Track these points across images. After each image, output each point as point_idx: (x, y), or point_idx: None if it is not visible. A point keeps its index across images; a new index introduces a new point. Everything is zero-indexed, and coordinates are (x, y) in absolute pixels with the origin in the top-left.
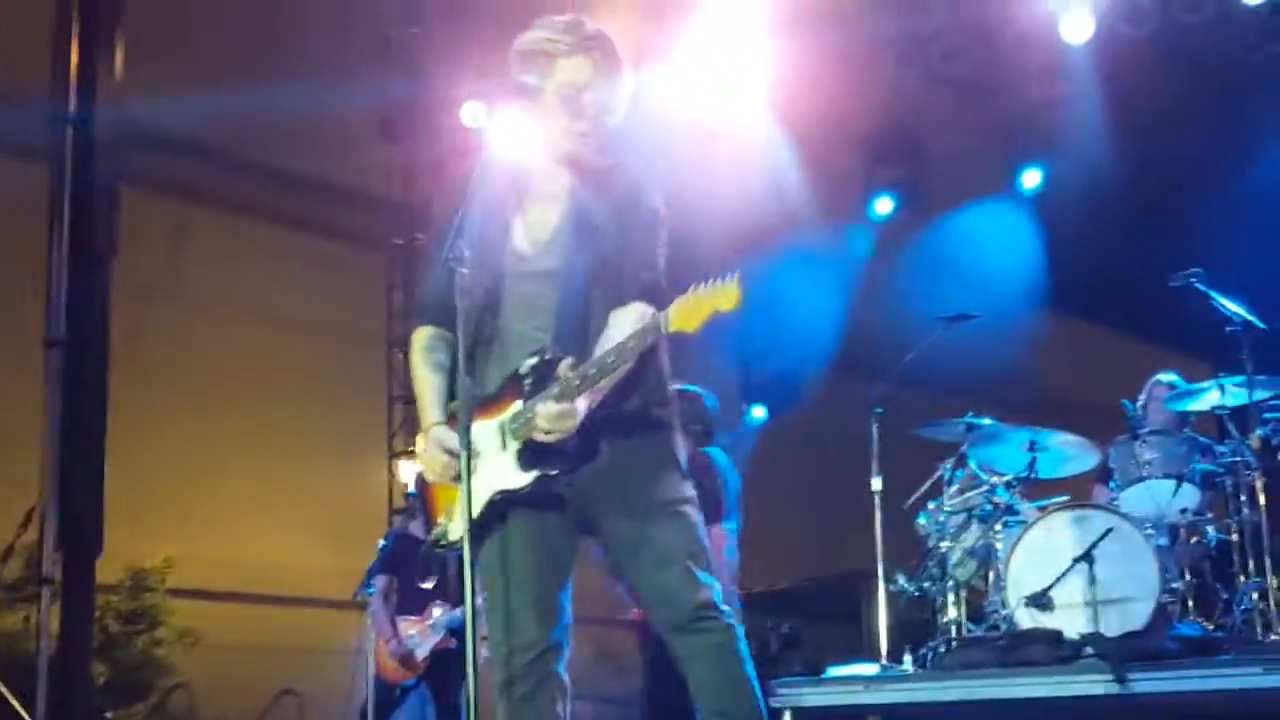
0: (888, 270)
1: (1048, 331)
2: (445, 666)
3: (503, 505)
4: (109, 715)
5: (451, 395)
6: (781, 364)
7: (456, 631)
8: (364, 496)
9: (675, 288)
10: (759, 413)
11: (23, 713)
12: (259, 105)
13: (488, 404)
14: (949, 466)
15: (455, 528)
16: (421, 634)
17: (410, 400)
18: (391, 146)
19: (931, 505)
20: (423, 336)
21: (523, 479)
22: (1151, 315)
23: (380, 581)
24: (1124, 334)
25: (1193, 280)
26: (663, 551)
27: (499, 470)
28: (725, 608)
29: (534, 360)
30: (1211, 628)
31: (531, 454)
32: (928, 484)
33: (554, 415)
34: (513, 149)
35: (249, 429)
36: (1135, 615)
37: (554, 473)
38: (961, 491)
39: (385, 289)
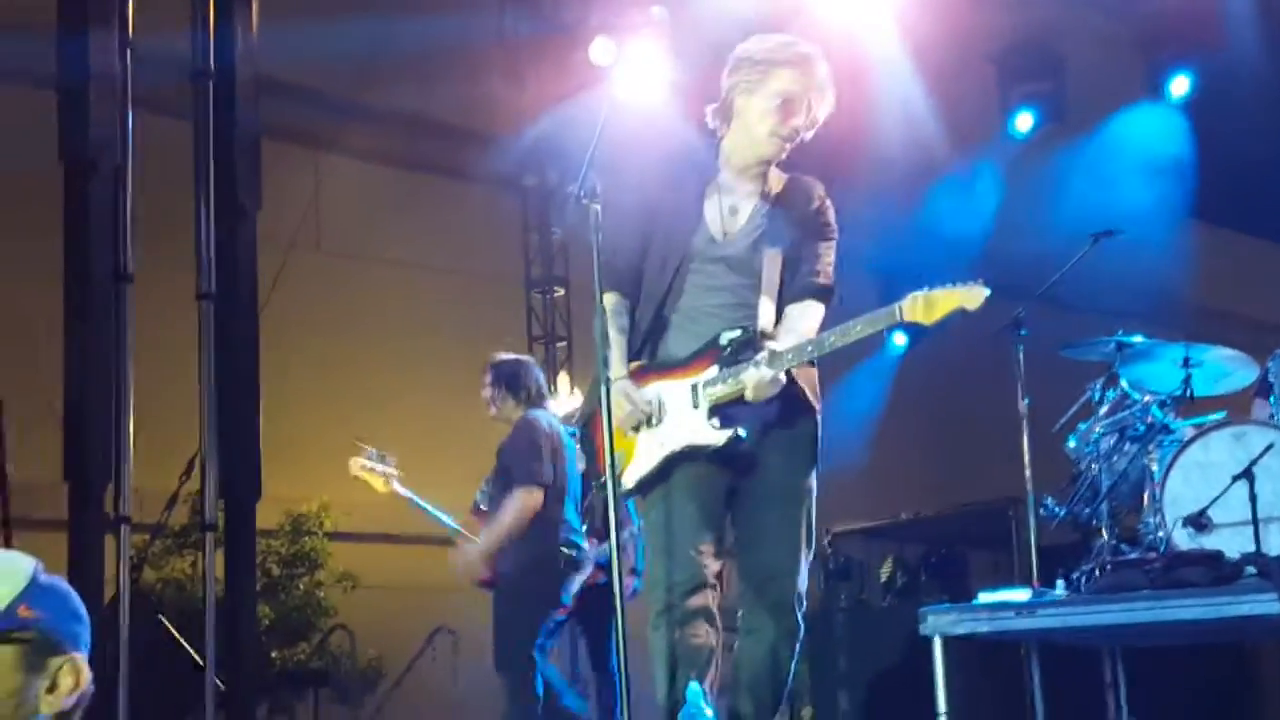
0: (1030, 188)
1: (1200, 244)
2: (596, 601)
3: (679, 458)
4: (274, 655)
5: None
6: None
7: (605, 566)
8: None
9: None
10: (900, 339)
11: (194, 655)
12: (387, 50)
13: (675, 367)
14: (1098, 387)
15: (631, 474)
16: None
17: (550, 340)
18: (521, 86)
19: (1081, 427)
20: (611, 301)
21: (717, 436)
22: None
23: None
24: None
25: None
26: (785, 533)
27: (688, 426)
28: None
29: (737, 333)
30: None
31: (724, 415)
32: (1077, 406)
33: (766, 382)
34: (641, 81)
35: (394, 374)
36: None
37: (744, 434)
38: (1112, 412)
39: (521, 229)
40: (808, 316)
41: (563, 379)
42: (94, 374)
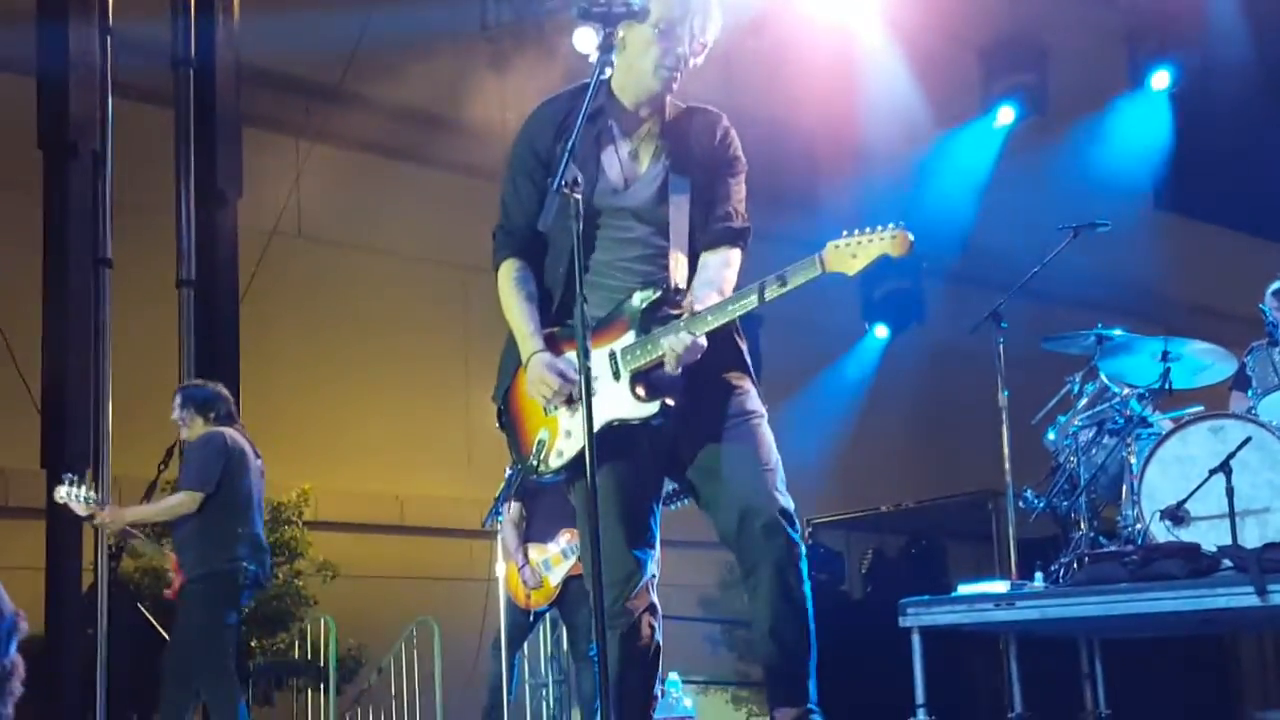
0: (1011, 180)
1: (1179, 238)
2: (578, 592)
3: (606, 435)
4: (253, 645)
5: (544, 323)
6: (903, 280)
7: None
8: (490, 426)
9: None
10: (881, 331)
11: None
12: (370, 39)
13: (594, 331)
14: (1078, 380)
15: (559, 455)
16: (553, 560)
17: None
18: (503, 76)
19: (1060, 420)
20: (510, 268)
21: (644, 409)
22: None
23: (510, 509)
24: (1259, 237)
25: None
26: (741, 454)
27: (614, 399)
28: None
29: (650, 293)
30: None
31: (648, 384)
32: (1056, 398)
33: (687, 347)
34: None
35: (376, 363)
36: (1276, 526)
37: (672, 403)
38: (1091, 405)
39: None
40: (728, 265)
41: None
42: (73, 361)
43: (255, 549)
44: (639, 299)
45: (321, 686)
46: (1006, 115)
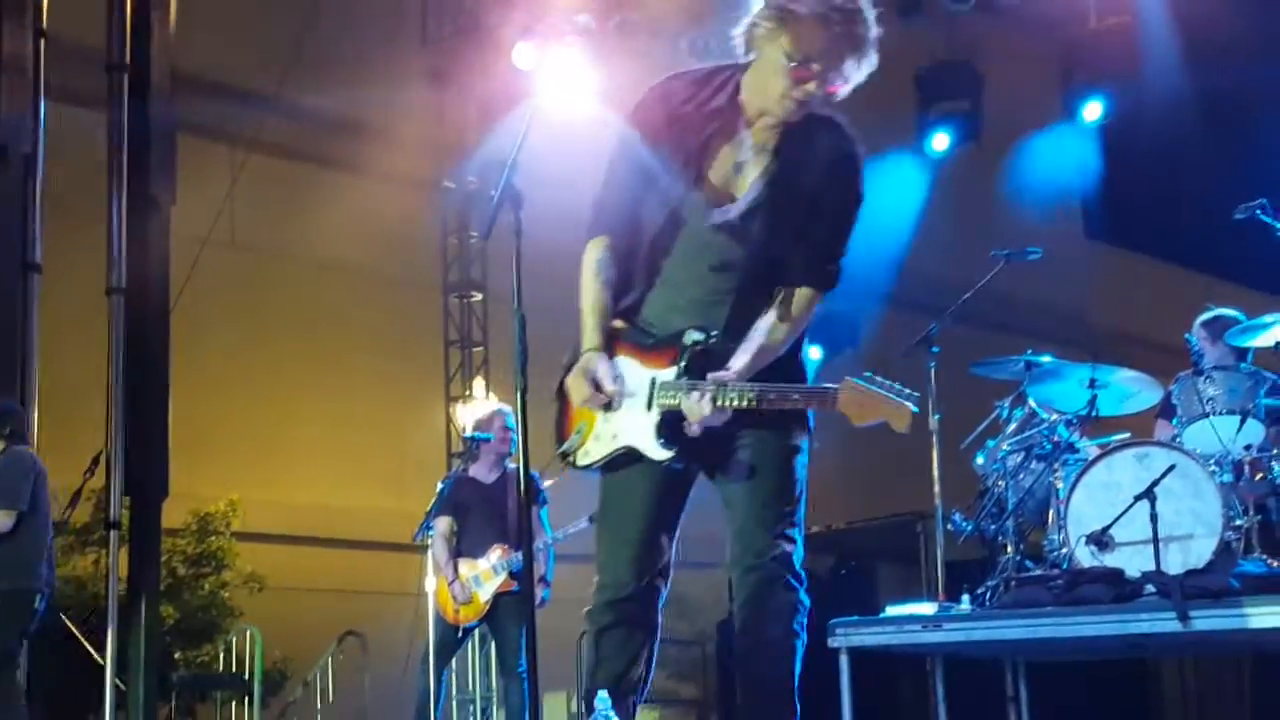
0: (945, 206)
1: (1108, 267)
2: (507, 609)
3: (627, 455)
4: (177, 656)
5: (615, 315)
6: (837, 303)
7: (518, 574)
8: (422, 440)
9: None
10: (815, 353)
11: (94, 654)
12: (311, 50)
13: (647, 348)
14: (1007, 405)
15: (587, 454)
16: (483, 576)
17: (466, 344)
18: (443, 89)
19: (990, 444)
20: (596, 247)
21: (658, 453)
22: (1216, 249)
23: (440, 523)
24: (1187, 268)
25: (1258, 212)
26: (754, 493)
27: (639, 428)
28: (799, 571)
29: (700, 338)
30: (1275, 565)
31: (672, 429)
32: (985, 423)
33: (704, 415)
34: (567, 93)
35: (307, 374)
36: (1198, 552)
37: (680, 467)
38: (1020, 430)
39: (440, 233)
40: (790, 313)
41: (478, 384)
42: None
43: (51, 569)
44: (690, 338)
45: (246, 699)
46: (941, 141)
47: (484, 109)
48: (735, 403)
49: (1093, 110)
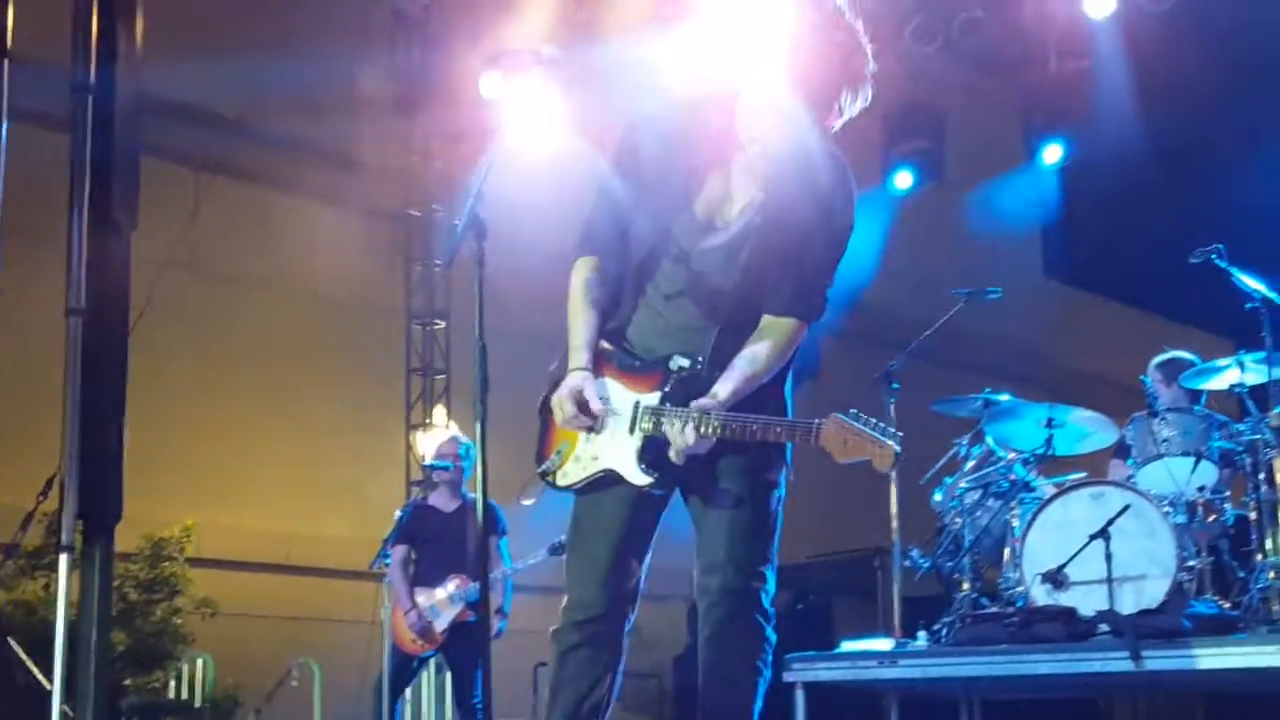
0: (908, 243)
1: (1067, 307)
2: (464, 639)
3: (607, 479)
4: (128, 683)
5: (601, 336)
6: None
7: (475, 604)
8: (382, 467)
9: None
10: None
11: (42, 680)
12: (276, 76)
13: (632, 371)
14: (965, 443)
15: (566, 475)
16: (440, 606)
17: (427, 372)
18: (408, 118)
19: (948, 481)
20: (584, 267)
21: (639, 478)
22: (1172, 291)
23: (397, 552)
24: (1144, 310)
25: (1213, 256)
26: (718, 523)
27: (621, 451)
28: (768, 608)
29: (686, 364)
30: (1227, 606)
31: (654, 455)
32: (944, 460)
33: (688, 443)
34: (532, 124)
35: (267, 400)
36: (1151, 592)
37: (661, 493)
38: (978, 468)
39: (404, 261)
40: (775, 341)
41: (439, 412)
42: None
43: None
44: (676, 363)
45: None
46: (905, 180)
47: (450, 138)
48: (718, 431)
49: (1053, 152)
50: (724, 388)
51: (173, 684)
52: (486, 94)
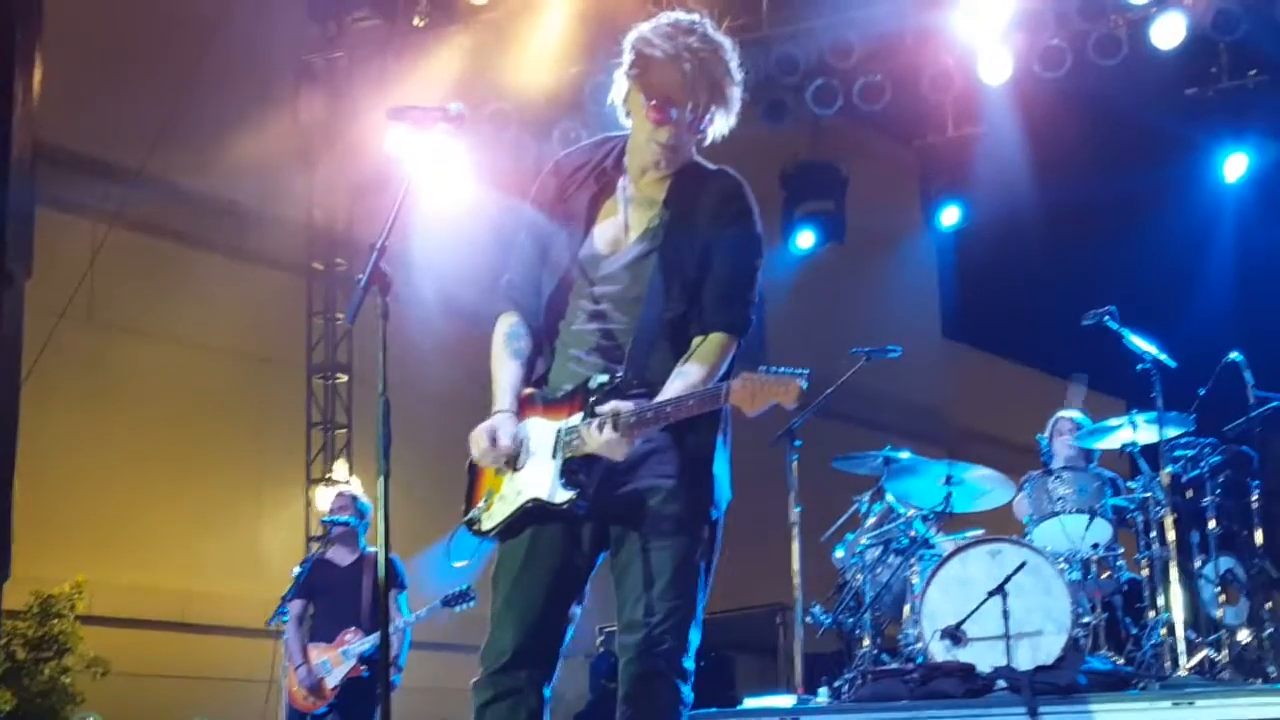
0: (810, 302)
1: (965, 367)
2: (356, 695)
3: (532, 513)
4: None
5: (526, 385)
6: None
7: (369, 660)
8: (281, 523)
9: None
10: None
11: None
12: (177, 124)
13: (552, 405)
14: (866, 499)
15: (491, 517)
16: (333, 661)
17: (329, 427)
18: (311, 171)
19: (849, 538)
20: (504, 323)
21: (560, 495)
22: (1066, 352)
23: (294, 607)
24: (1038, 370)
25: (1105, 318)
26: (646, 574)
27: (542, 477)
28: (686, 668)
29: (605, 379)
30: (1121, 661)
31: (573, 471)
32: (845, 517)
33: (604, 444)
34: (436, 174)
35: (164, 454)
36: (1047, 648)
37: (583, 508)
38: (879, 524)
39: (305, 314)
40: (706, 356)
41: (340, 466)
42: None
43: None
44: (595, 381)
45: None
46: (806, 239)
47: (354, 191)
48: (637, 426)
49: (950, 215)
50: (663, 393)
51: None
52: (391, 149)
